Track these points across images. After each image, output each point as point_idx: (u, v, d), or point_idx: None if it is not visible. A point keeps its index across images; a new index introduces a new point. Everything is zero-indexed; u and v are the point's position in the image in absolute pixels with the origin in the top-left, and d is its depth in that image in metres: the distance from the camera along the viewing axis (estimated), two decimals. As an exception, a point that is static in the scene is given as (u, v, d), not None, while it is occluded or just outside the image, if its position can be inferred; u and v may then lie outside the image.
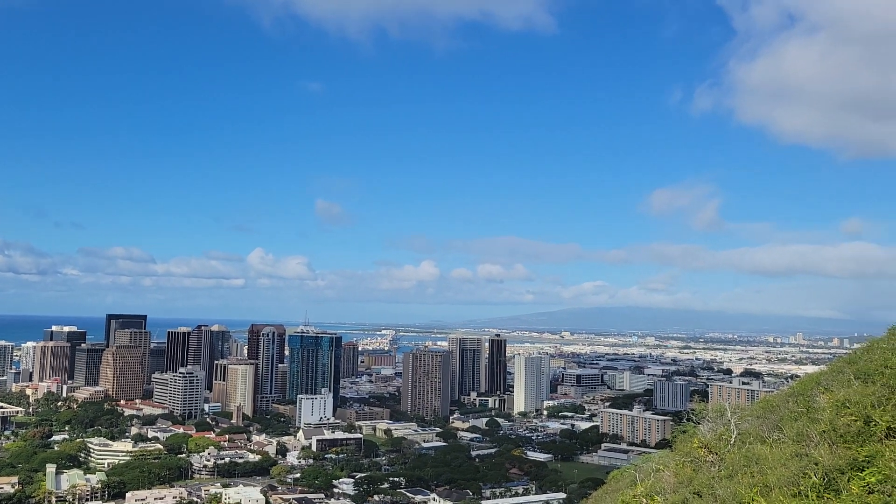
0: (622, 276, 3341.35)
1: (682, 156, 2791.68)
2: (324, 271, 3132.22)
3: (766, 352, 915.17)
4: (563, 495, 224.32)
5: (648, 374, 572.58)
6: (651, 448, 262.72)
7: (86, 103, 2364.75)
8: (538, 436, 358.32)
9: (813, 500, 22.84)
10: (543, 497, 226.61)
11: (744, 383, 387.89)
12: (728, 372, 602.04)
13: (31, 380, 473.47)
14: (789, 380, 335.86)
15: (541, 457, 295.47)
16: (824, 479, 24.58)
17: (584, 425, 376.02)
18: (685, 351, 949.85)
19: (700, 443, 36.71)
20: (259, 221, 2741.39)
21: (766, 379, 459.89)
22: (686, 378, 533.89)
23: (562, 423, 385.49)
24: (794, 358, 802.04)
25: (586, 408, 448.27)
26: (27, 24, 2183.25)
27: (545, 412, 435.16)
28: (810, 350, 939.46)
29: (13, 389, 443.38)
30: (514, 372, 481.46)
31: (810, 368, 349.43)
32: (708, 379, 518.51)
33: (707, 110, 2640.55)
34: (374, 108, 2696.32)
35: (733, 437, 36.46)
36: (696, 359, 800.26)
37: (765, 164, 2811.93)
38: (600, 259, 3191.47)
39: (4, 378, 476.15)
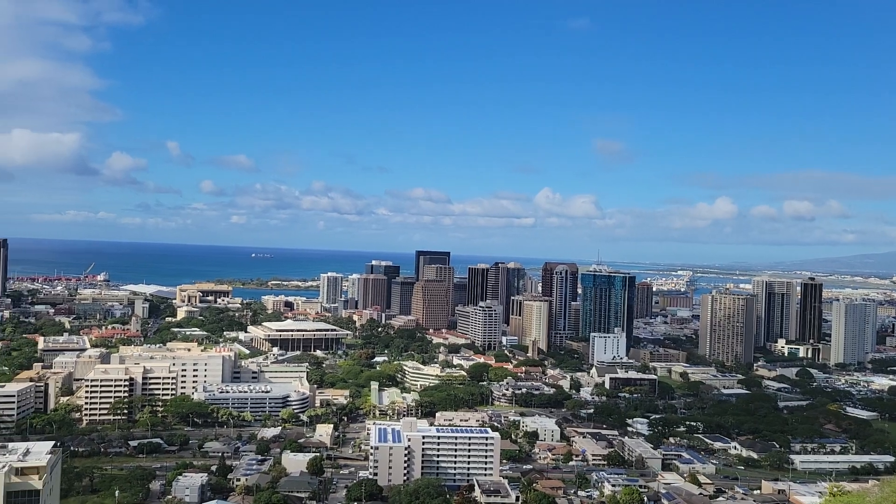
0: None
1: None
2: (611, 210, 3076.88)
3: None
4: (890, 458, 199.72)
5: None
6: None
7: (381, 60, 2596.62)
8: (860, 391, 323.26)
9: None
10: (866, 458, 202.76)
11: None
12: None
13: (356, 307, 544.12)
14: None
15: (863, 414, 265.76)
16: None
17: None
18: None
19: None
20: (541, 161, 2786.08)
21: None
22: None
23: (890, 379, 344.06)
24: None
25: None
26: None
27: (869, 365, 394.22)
28: None
29: (343, 315, 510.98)
30: (832, 319, 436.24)
31: None
32: None
33: None
34: (643, 43, 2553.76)
35: None
36: None
37: None
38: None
39: (336, 305, 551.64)
